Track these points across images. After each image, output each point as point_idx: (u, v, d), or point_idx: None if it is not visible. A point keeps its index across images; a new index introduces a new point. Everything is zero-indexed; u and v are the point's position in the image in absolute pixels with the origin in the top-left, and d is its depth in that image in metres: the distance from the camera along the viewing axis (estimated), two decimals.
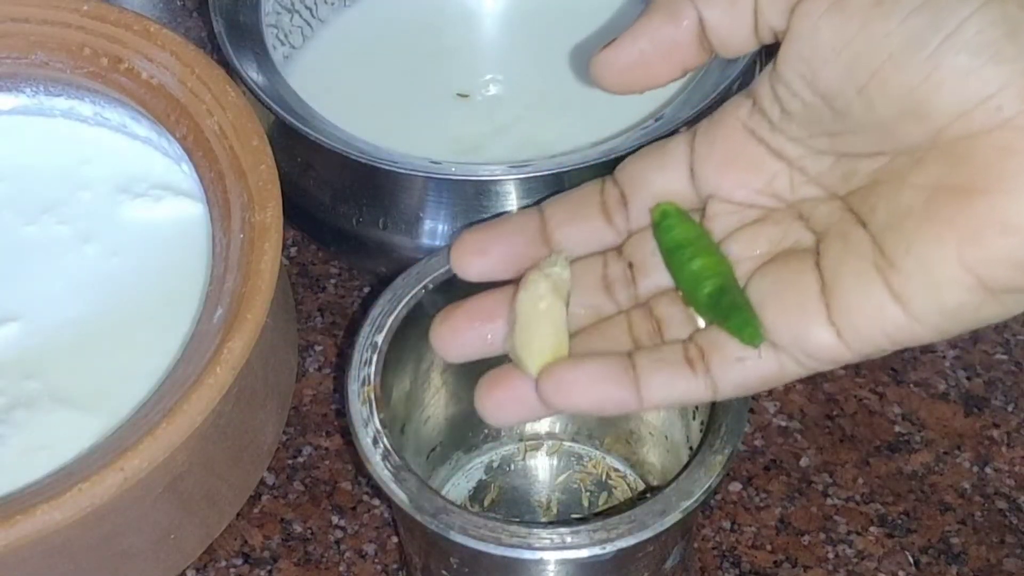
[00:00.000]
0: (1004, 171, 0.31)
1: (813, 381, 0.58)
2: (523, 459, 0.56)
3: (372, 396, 0.45)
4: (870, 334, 0.34)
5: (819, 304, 0.35)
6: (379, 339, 0.47)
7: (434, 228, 0.55)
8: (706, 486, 0.43)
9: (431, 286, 0.48)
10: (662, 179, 0.39)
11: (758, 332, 0.35)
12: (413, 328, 0.48)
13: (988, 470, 0.55)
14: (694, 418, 0.49)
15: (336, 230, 0.57)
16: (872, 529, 0.54)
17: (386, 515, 0.55)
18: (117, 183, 0.58)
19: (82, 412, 0.51)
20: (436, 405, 0.52)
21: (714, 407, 0.45)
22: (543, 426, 0.56)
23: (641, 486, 0.55)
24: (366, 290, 0.62)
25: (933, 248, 0.32)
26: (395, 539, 0.54)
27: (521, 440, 0.56)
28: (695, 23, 0.36)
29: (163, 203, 0.57)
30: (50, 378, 0.53)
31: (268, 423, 0.54)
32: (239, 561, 0.54)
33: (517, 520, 0.43)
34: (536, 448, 0.56)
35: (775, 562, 0.53)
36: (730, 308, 0.36)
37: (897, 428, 0.57)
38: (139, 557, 0.49)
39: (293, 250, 0.63)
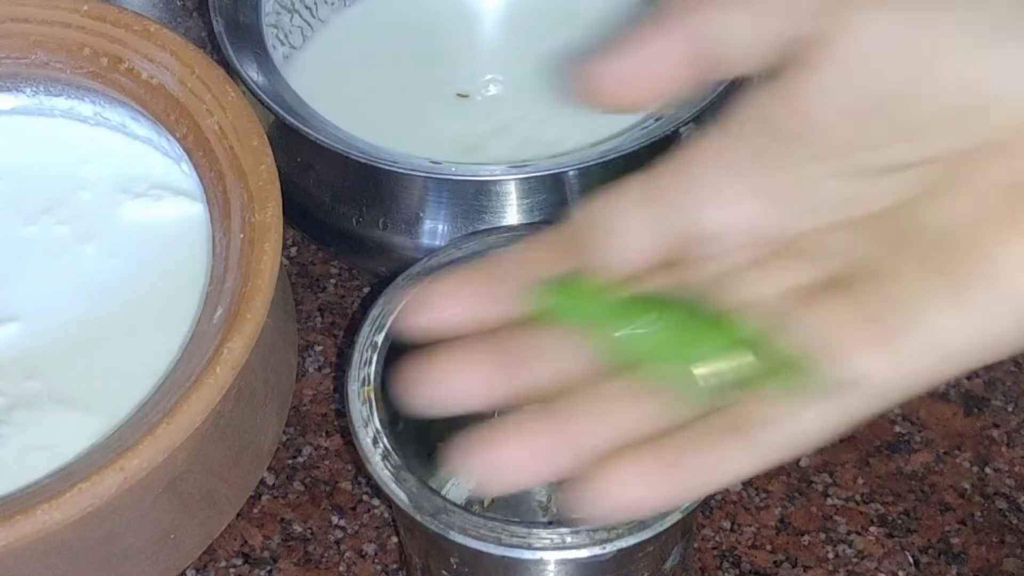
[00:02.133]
0: None
1: None
2: None
3: (372, 396, 0.45)
4: (934, 361, 0.30)
5: (866, 336, 0.30)
6: (379, 339, 0.47)
7: (434, 228, 0.55)
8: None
9: None
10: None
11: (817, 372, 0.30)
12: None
13: (988, 470, 0.55)
14: None
15: (336, 230, 0.57)
16: (872, 529, 0.54)
17: (386, 515, 0.55)
18: (117, 183, 0.58)
19: (82, 412, 0.51)
20: None
21: None
22: None
23: None
24: (366, 290, 0.62)
25: (1017, 252, 0.29)
26: (395, 539, 0.54)
27: None
28: (695, 37, 0.31)
29: (163, 203, 0.57)
30: (50, 378, 0.53)
31: (268, 423, 0.54)
32: (239, 561, 0.54)
33: (517, 520, 0.43)
34: None
35: (775, 562, 0.53)
36: (773, 359, 0.31)
37: (897, 428, 0.57)
38: (139, 557, 0.49)
39: (293, 250, 0.63)
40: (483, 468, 0.31)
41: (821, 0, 0.30)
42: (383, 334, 0.47)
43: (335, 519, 0.55)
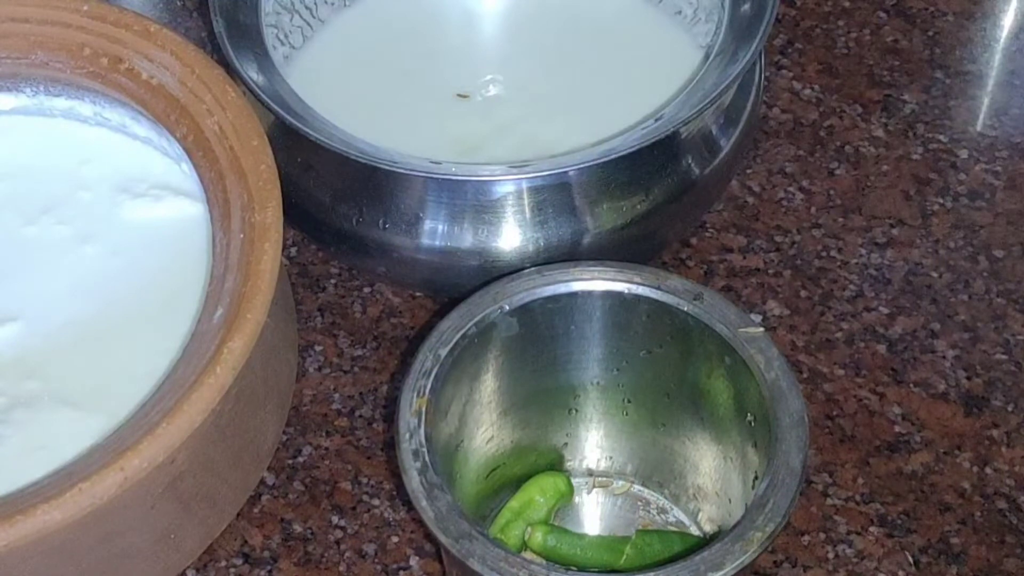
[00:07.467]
0: None
1: (813, 381, 0.58)
2: (589, 493, 0.55)
3: (423, 408, 0.45)
4: None
5: None
6: (443, 352, 0.47)
7: (434, 228, 0.55)
8: (738, 561, 0.41)
9: (507, 307, 0.48)
10: None
11: None
12: (485, 346, 0.48)
13: (988, 470, 0.55)
14: (753, 486, 0.48)
15: (336, 230, 0.57)
16: (872, 529, 0.54)
17: (386, 515, 0.55)
18: (117, 183, 0.58)
19: (82, 412, 0.51)
20: (504, 426, 0.52)
21: (766, 482, 0.44)
22: (616, 464, 0.55)
23: None
24: (366, 290, 0.62)
25: None
26: (395, 539, 0.54)
27: (591, 475, 0.55)
28: None
29: (163, 203, 0.57)
30: (50, 378, 0.53)
31: (268, 423, 0.54)
32: (239, 561, 0.54)
33: (540, 564, 0.42)
34: (604, 485, 0.55)
35: (775, 562, 0.53)
36: None
37: (897, 428, 0.57)
38: (139, 557, 0.50)
39: (293, 250, 0.63)
40: None
41: None
42: (448, 347, 0.47)
43: (335, 519, 0.55)
